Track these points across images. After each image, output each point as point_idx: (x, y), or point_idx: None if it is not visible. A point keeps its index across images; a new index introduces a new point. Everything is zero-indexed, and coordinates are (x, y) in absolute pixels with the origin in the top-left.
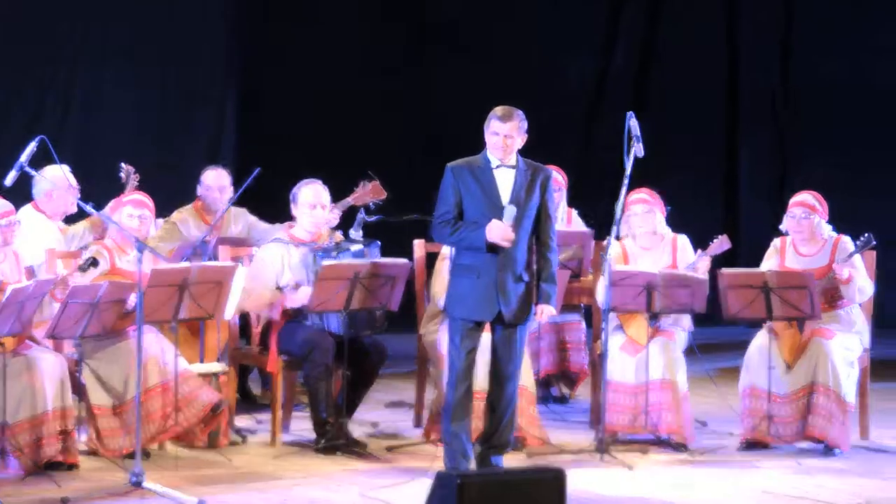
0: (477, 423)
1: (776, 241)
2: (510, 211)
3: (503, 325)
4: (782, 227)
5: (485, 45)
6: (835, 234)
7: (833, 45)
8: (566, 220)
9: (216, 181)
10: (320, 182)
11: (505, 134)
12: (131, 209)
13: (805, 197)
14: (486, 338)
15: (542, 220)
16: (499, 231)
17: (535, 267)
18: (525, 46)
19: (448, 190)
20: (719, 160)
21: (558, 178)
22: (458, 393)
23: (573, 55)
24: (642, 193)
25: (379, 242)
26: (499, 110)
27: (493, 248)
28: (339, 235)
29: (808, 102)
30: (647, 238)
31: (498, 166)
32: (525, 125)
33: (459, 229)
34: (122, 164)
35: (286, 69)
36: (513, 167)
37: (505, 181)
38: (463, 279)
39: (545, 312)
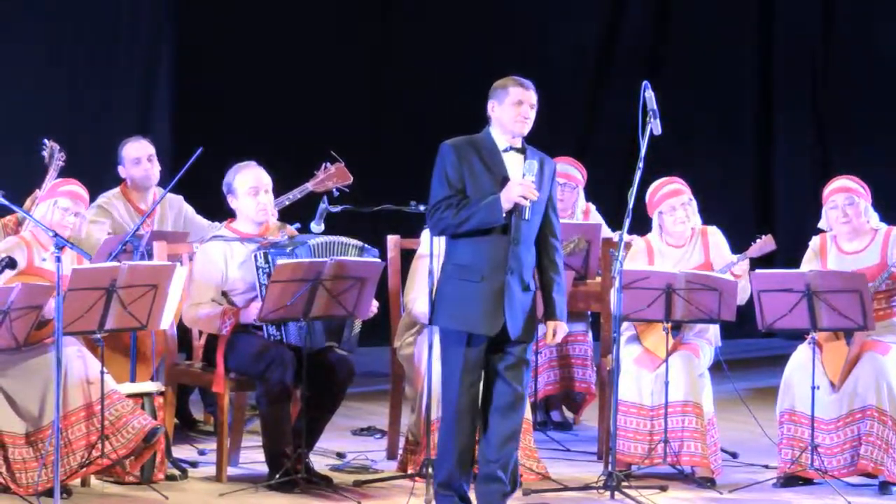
0: None
1: (814, 242)
2: (532, 166)
3: (509, 343)
4: (822, 224)
5: (465, 6)
6: (884, 226)
7: (888, 2)
8: (583, 218)
9: (142, 150)
10: (255, 163)
11: (531, 103)
12: (67, 202)
13: (844, 182)
14: None
15: (550, 218)
16: (520, 188)
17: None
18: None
19: (449, 171)
20: (750, 139)
21: (575, 174)
22: (460, 439)
23: (573, 13)
24: (674, 184)
25: (376, 251)
26: (515, 78)
27: (500, 245)
28: (290, 229)
29: (858, 72)
30: (678, 233)
31: (507, 149)
32: None
33: (466, 206)
34: (45, 141)
35: (229, 30)
36: (521, 151)
37: (515, 168)
38: (462, 283)
39: (559, 332)
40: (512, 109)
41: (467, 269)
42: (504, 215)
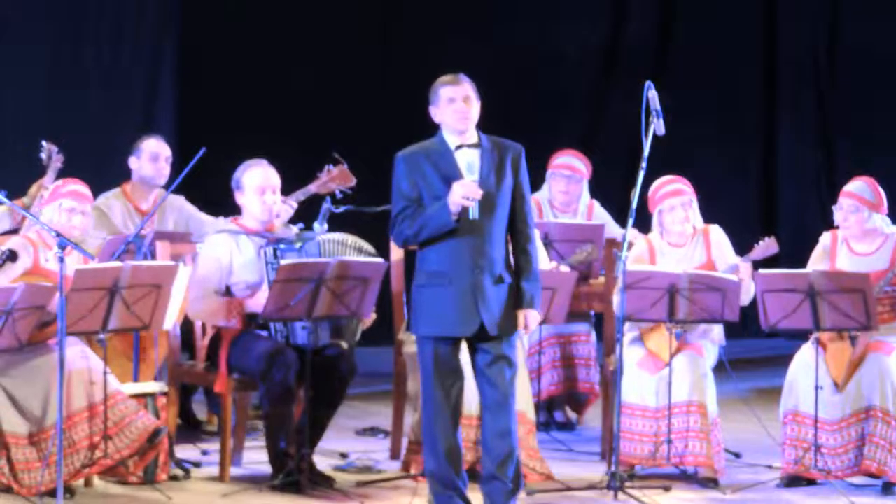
0: (468, 455)
1: (825, 238)
2: (472, 166)
3: (486, 341)
4: (836, 220)
5: (470, 10)
6: None
7: (892, 3)
8: (587, 214)
9: (162, 148)
10: (266, 162)
11: (463, 96)
12: (72, 202)
13: (858, 186)
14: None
15: (517, 206)
16: (461, 189)
17: (513, 264)
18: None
19: (402, 183)
20: (754, 139)
21: (580, 166)
22: (442, 438)
23: (578, 15)
24: (676, 183)
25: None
26: (443, 78)
27: (464, 245)
28: (294, 229)
29: (862, 72)
30: (677, 233)
31: (458, 147)
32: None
33: (420, 214)
34: (44, 143)
35: (233, 30)
36: (476, 146)
37: (469, 164)
38: (431, 289)
39: (531, 319)
40: (447, 109)
41: (437, 275)
42: (455, 218)
